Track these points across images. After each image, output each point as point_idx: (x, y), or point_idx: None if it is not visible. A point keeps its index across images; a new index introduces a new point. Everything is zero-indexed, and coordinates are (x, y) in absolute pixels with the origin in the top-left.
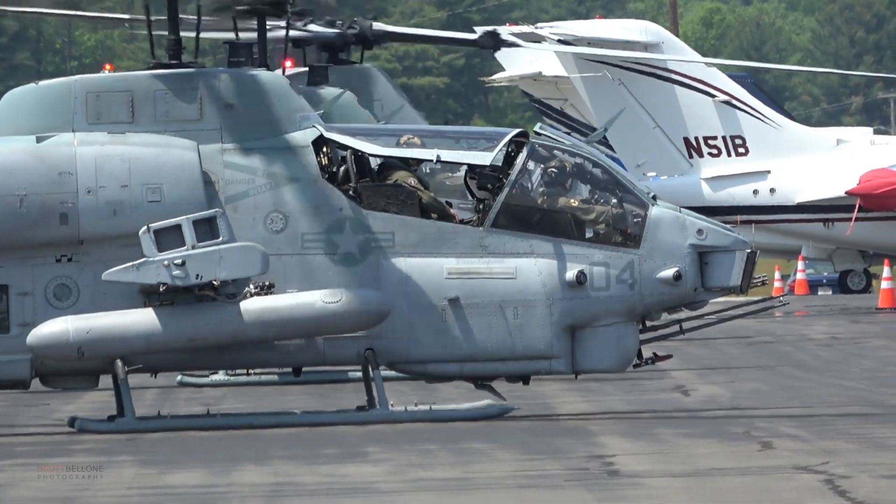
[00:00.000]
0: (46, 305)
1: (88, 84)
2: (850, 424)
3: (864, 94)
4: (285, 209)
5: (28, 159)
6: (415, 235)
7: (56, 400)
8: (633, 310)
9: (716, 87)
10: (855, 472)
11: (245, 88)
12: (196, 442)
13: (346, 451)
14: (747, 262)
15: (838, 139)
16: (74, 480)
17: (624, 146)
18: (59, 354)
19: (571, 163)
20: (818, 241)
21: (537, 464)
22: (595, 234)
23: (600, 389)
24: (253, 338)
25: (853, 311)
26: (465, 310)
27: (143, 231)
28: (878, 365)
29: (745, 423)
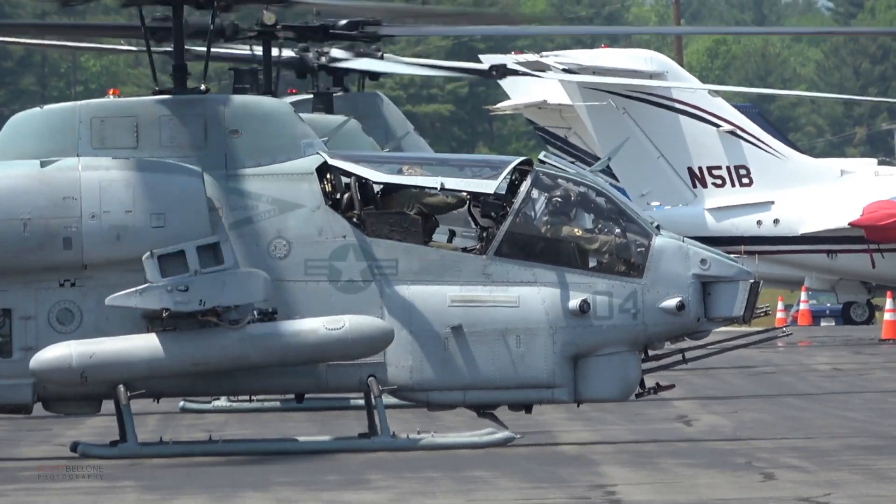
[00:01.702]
0: (49, 330)
1: (93, 109)
2: (853, 456)
3: (868, 125)
4: (289, 236)
5: (32, 183)
6: (418, 263)
7: (59, 425)
8: (635, 339)
9: (720, 117)
10: (858, 503)
11: (250, 115)
12: (198, 468)
13: (347, 478)
14: (750, 292)
15: (842, 170)
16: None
17: (628, 175)
18: (61, 379)
19: (575, 192)
20: (821, 272)
21: (540, 492)
22: (598, 264)
23: (603, 418)
24: (255, 364)
25: (856, 342)
26: (467, 338)
27: (146, 256)
28: (882, 396)
29: (747, 454)
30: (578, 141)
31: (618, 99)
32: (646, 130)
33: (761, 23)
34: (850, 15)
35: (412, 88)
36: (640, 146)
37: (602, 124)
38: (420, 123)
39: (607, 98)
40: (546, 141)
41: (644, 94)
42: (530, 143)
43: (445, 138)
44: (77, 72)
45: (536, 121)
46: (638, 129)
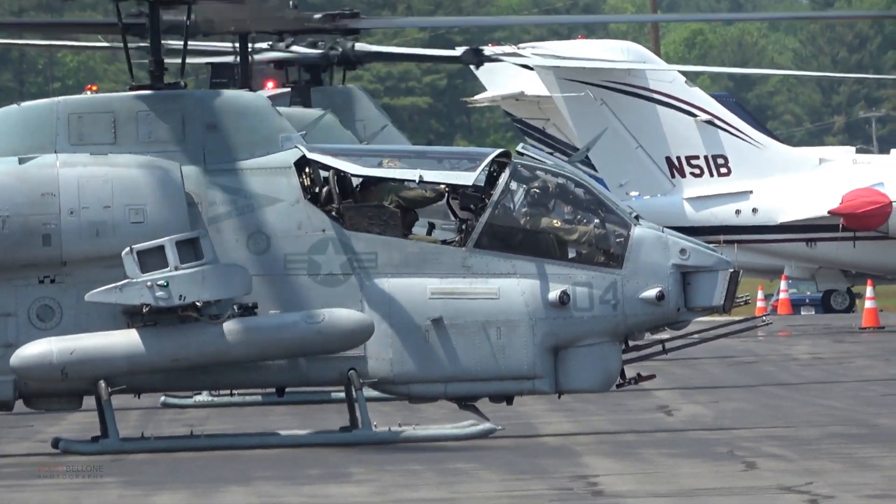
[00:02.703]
0: (29, 326)
1: (71, 105)
2: (834, 444)
3: (846, 113)
4: (268, 230)
5: (10, 180)
6: (398, 256)
7: (40, 421)
8: (616, 330)
9: (698, 106)
10: (839, 491)
11: (227, 110)
12: (180, 463)
13: (329, 472)
14: (730, 281)
15: (821, 158)
16: (57, 500)
17: (606, 166)
18: (42, 376)
19: (554, 183)
20: (801, 260)
21: (522, 484)
22: (578, 255)
23: (584, 409)
24: (236, 358)
25: (836, 330)
26: (448, 330)
27: (126, 252)
28: (862, 385)
29: (728, 443)
30: (556, 132)
31: (595, 90)
32: (623, 121)
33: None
34: (827, 3)
35: (390, 81)
36: (618, 137)
37: (580, 115)
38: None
39: (585, 89)
40: (524, 132)
41: (621, 85)
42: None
43: (423, 131)
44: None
45: (514, 112)
46: (616, 120)
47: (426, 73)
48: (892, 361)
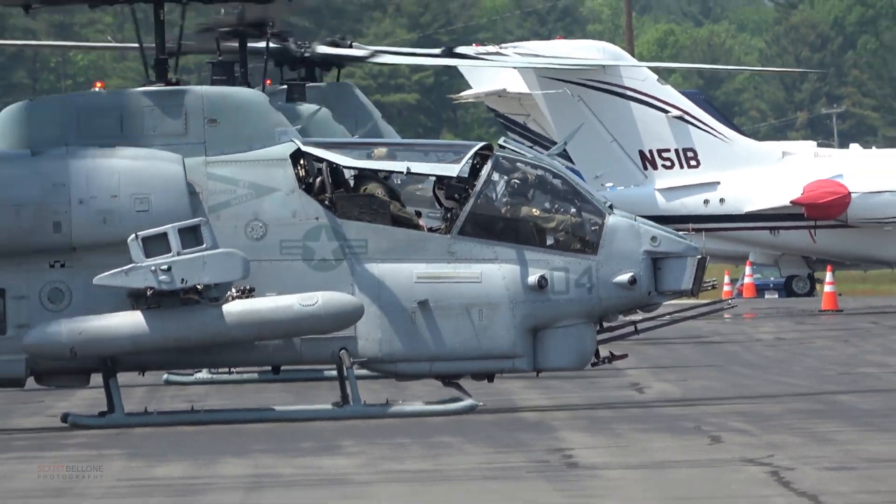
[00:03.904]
0: (41, 308)
1: (81, 101)
2: (795, 419)
3: (808, 109)
4: (265, 218)
5: (24, 171)
6: (386, 242)
7: (50, 397)
8: (591, 312)
9: (669, 103)
10: (799, 464)
11: (227, 105)
12: (181, 436)
13: (321, 445)
14: (698, 267)
15: (784, 152)
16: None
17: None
18: (52, 354)
19: (533, 174)
20: (765, 247)
21: (502, 456)
22: (555, 241)
23: (560, 387)
24: (234, 339)
25: (798, 313)
26: (433, 312)
27: (131, 238)
28: (821, 364)
29: (695, 419)
30: (536, 127)
31: (573, 87)
32: (599, 116)
33: (707, 15)
34: (791, 6)
35: (380, 78)
36: (593, 131)
37: (558, 111)
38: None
39: (563, 86)
40: (506, 127)
41: (597, 83)
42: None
43: (412, 125)
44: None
45: (497, 108)
46: (592, 115)
47: (414, 71)
48: (850, 342)
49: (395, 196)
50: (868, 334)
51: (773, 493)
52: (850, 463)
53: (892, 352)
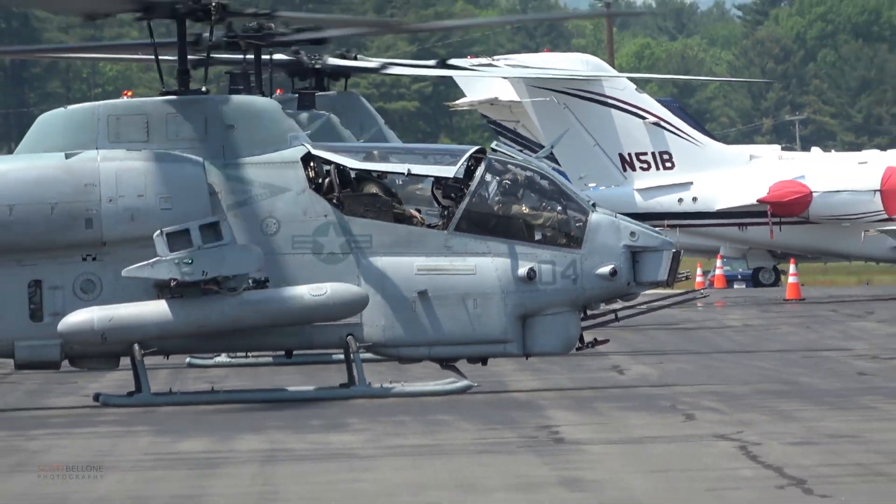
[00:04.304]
0: (74, 298)
1: (110, 108)
2: (762, 399)
3: (773, 116)
4: (278, 215)
5: (58, 173)
6: (389, 237)
7: (83, 379)
8: (575, 301)
9: (646, 110)
10: (765, 439)
11: (243, 112)
12: (202, 414)
13: (330, 423)
14: (673, 260)
15: (751, 155)
16: (97, 446)
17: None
18: (85, 340)
19: (523, 175)
20: (734, 242)
21: (494, 433)
22: (543, 237)
23: (548, 369)
24: (251, 325)
25: (764, 302)
26: (432, 301)
27: (157, 234)
28: (786, 348)
29: (671, 398)
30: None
31: (559, 95)
32: (583, 122)
33: (681, 30)
34: (757, 22)
35: (383, 88)
36: (578, 136)
37: (545, 117)
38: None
39: (550, 95)
40: (498, 132)
41: (581, 92)
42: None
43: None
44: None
45: (489, 115)
46: (576, 122)
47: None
48: (812, 329)
49: (393, 195)
50: (828, 321)
51: (741, 466)
52: (811, 438)
53: (850, 337)
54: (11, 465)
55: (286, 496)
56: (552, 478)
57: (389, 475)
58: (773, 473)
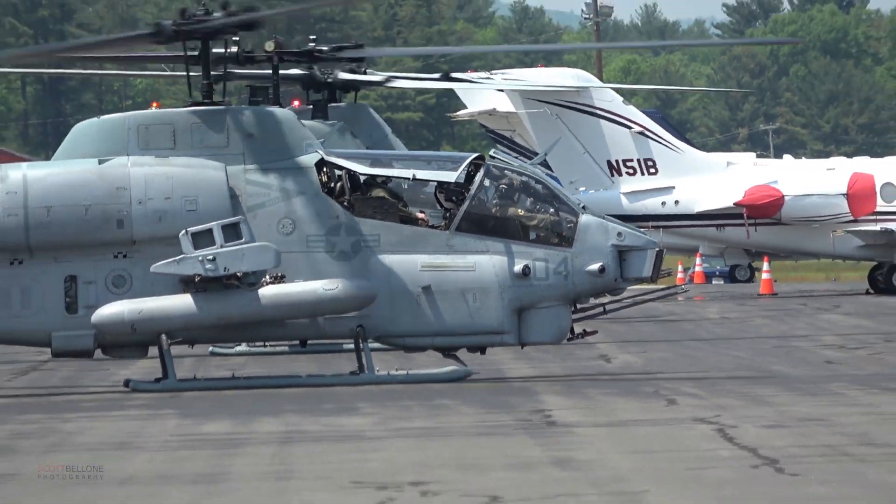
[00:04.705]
0: (106, 292)
1: (140, 118)
2: (738, 385)
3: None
4: (294, 216)
5: (92, 177)
6: (395, 237)
7: (114, 366)
8: (566, 295)
9: (632, 120)
10: (741, 422)
11: (262, 122)
12: (224, 399)
13: (341, 406)
14: (656, 258)
15: (728, 162)
16: (127, 428)
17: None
18: (116, 330)
19: (518, 180)
20: (712, 241)
21: (493, 416)
22: (537, 236)
23: (541, 358)
24: (269, 317)
25: (740, 296)
26: (435, 295)
27: (182, 234)
28: (759, 339)
29: (654, 384)
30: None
31: (552, 107)
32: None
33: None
34: None
35: (391, 99)
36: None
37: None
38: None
39: (543, 107)
40: (496, 140)
41: (572, 103)
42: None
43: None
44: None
45: (488, 125)
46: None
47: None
48: (784, 321)
49: (399, 198)
50: (798, 314)
51: (719, 447)
52: (783, 422)
53: (818, 329)
54: (49, 444)
55: (301, 474)
56: (545, 458)
57: (396, 455)
58: (748, 454)
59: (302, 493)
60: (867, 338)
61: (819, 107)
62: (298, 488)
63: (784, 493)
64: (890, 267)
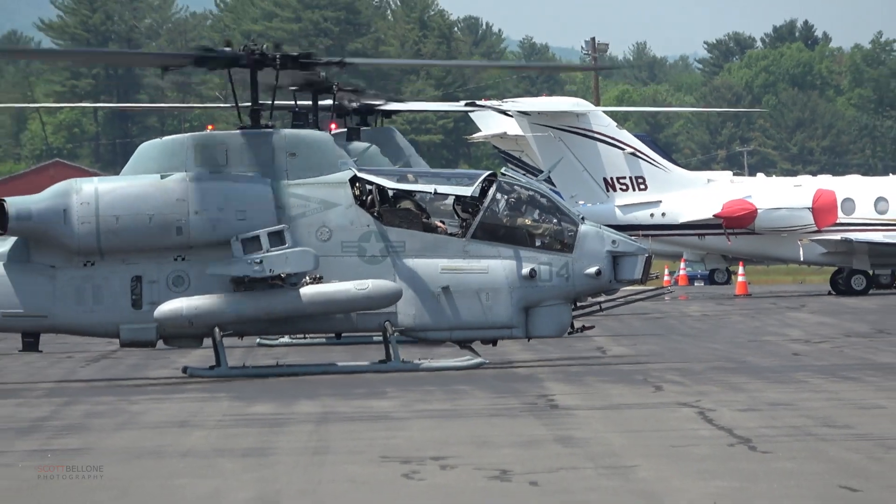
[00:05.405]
0: (167, 290)
1: (197, 139)
2: (716, 374)
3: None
4: (330, 225)
5: (155, 190)
6: (419, 243)
7: (174, 355)
8: (567, 295)
9: (625, 142)
10: (719, 406)
11: (303, 143)
12: (269, 384)
13: (371, 391)
14: (646, 262)
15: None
16: (186, 409)
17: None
18: (175, 324)
19: (526, 194)
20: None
21: (503, 400)
22: (542, 243)
23: (545, 349)
24: (308, 313)
25: (718, 296)
26: (452, 294)
27: (233, 240)
28: (735, 333)
29: (643, 373)
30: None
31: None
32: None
33: (653, 78)
34: (713, 72)
35: (414, 123)
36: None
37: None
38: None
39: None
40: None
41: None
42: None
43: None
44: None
45: (500, 146)
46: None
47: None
48: (756, 318)
49: (422, 209)
50: (769, 312)
51: (699, 427)
52: (755, 406)
53: (786, 325)
54: (118, 423)
55: (336, 449)
56: (549, 436)
57: (418, 433)
58: (725, 434)
59: (337, 466)
60: (829, 333)
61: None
62: (334, 461)
63: (756, 467)
64: (849, 271)
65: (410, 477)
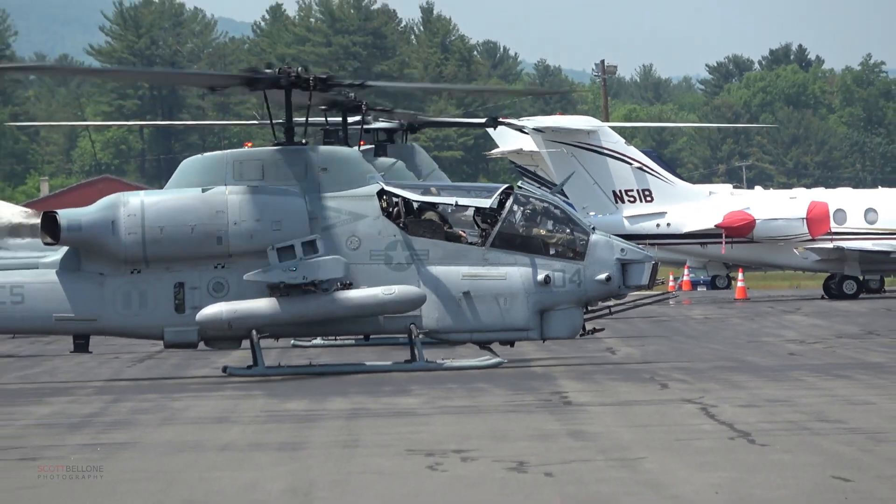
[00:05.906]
0: (208, 295)
1: (235, 155)
2: (717, 373)
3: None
4: (359, 235)
5: (196, 203)
6: (442, 252)
7: (214, 355)
8: (580, 300)
9: (633, 158)
10: (720, 403)
11: (333, 158)
12: (303, 382)
13: (397, 389)
14: (652, 269)
15: (710, 191)
16: (225, 405)
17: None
18: (216, 327)
19: (541, 206)
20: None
21: (519, 397)
22: (556, 252)
23: (559, 350)
24: (339, 317)
25: (720, 301)
26: (473, 299)
27: (269, 249)
28: (735, 335)
29: (650, 372)
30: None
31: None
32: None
33: (658, 98)
34: (714, 92)
35: (437, 140)
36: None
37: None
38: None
39: (561, 147)
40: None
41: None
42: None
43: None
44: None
45: (516, 161)
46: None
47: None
48: (755, 321)
49: (445, 220)
50: (767, 315)
51: (702, 422)
52: (755, 402)
53: (783, 327)
54: (161, 419)
55: (365, 443)
56: (562, 430)
57: (441, 428)
58: (726, 428)
59: (366, 459)
60: (822, 334)
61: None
62: (363, 454)
63: (755, 459)
64: (841, 277)
65: (434, 468)
